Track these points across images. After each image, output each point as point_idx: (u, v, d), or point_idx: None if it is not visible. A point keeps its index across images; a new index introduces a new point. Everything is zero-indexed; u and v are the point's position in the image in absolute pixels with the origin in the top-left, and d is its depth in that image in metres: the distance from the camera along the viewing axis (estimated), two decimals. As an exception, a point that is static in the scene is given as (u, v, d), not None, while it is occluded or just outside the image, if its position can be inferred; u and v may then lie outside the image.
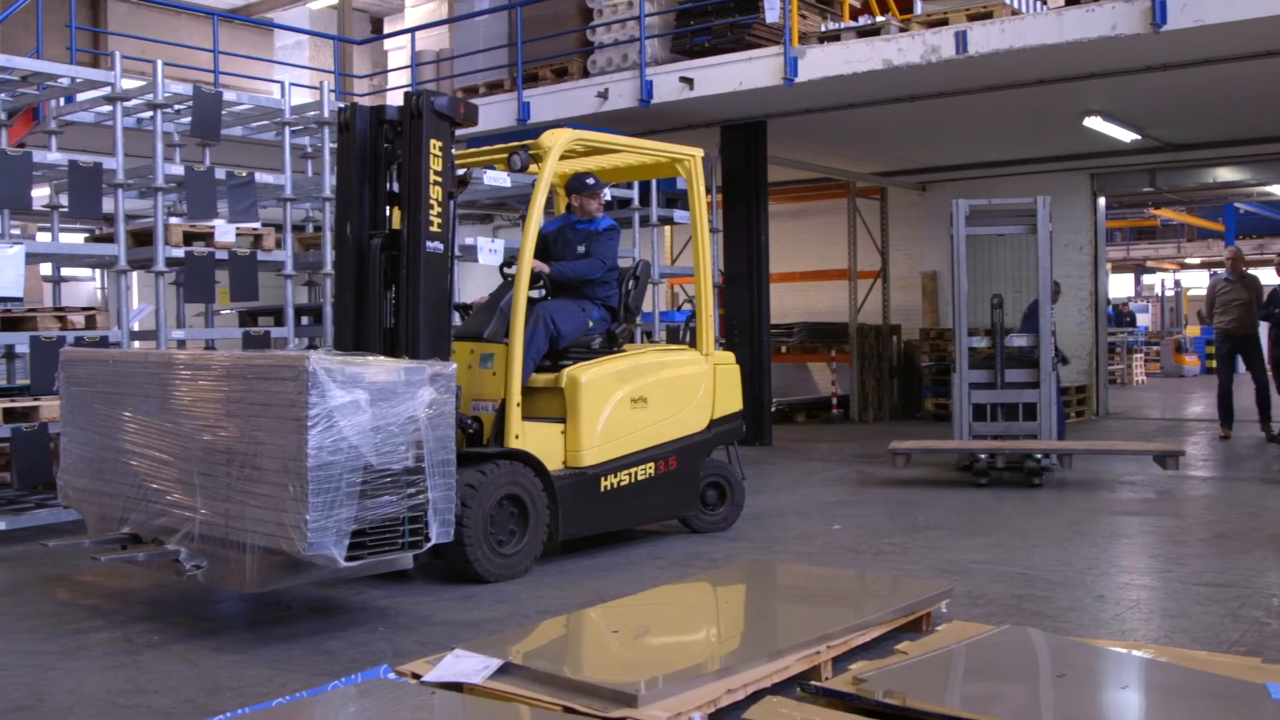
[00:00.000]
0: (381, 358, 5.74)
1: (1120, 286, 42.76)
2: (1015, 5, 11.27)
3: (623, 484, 7.63)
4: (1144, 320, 37.31)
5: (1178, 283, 40.61)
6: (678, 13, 13.24)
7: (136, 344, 9.34)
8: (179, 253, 9.29)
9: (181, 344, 10.90)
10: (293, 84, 10.79)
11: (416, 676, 4.49)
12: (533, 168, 7.67)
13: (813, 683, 4.51)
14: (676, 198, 13.27)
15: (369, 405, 5.31)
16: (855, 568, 7.14)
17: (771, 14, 12.00)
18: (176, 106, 10.03)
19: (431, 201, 6.78)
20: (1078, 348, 17.60)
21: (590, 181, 8.24)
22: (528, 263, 7.36)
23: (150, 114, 9.43)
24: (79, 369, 6.74)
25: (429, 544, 5.62)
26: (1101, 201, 18.12)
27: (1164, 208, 28.76)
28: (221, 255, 9.49)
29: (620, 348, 8.07)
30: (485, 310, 7.83)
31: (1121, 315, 32.20)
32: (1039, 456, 10.80)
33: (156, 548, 6.06)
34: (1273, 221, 31.00)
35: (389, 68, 17.85)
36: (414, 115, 6.79)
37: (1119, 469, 11.75)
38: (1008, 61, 11.11)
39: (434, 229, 6.81)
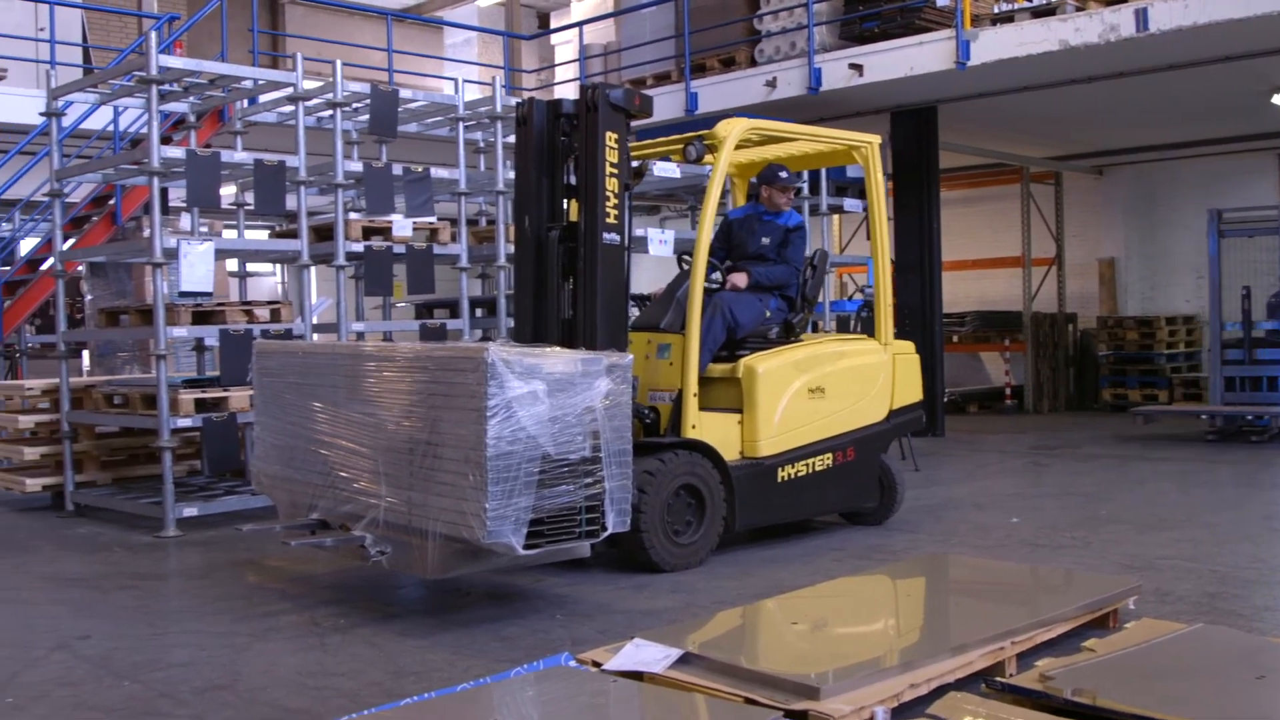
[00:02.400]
0: (559, 349, 5.81)
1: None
2: (1199, -20, 10.87)
3: (800, 475, 7.56)
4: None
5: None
6: (846, -1, 13.11)
7: (316, 336, 9.61)
8: (358, 247, 9.54)
9: (360, 336, 11.20)
10: (464, 80, 10.96)
11: (597, 664, 4.52)
12: (708, 158, 7.65)
13: (997, 679, 4.42)
14: (845, 186, 13.13)
15: (546, 396, 5.38)
16: (1036, 562, 6.97)
17: (943, -3, 11.80)
18: (354, 105, 10.28)
19: (608, 193, 6.80)
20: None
21: (783, 175, 8.20)
22: (704, 253, 7.34)
23: (330, 113, 9.69)
24: (271, 361, 6.97)
25: (606, 533, 5.68)
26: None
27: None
28: (399, 249, 9.71)
29: (798, 337, 8.00)
30: (663, 301, 7.85)
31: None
32: (1250, 418, 13.04)
33: (343, 533, 6.24)
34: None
35: (557, 62, 18.04)
36: (590, 108, 6.81)
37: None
38: (1191, 38, 10.72)
39: (610, 220, 6.82)
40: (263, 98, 10.55)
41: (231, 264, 11.57)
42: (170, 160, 8.77)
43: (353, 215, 10.08)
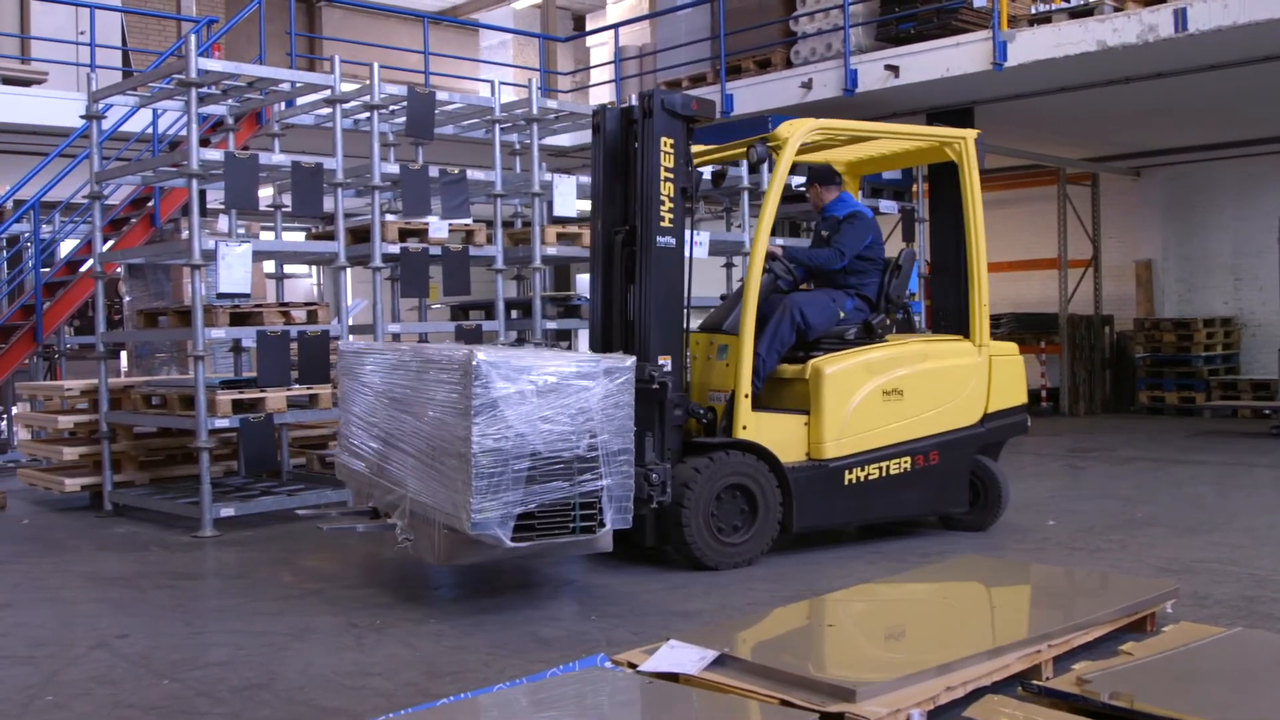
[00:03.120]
0: (555, 351, 6.20)
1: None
2: (1239, -21, 10.78)
3: (870, 478, 7.49)
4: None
5: None
6: (882, 0, 13.06)
7: (352, 337, 9.65)
8: (394, 249, 9.58)
9: (396, 337, 11.24)
10: (500, 82, 11.00)
11: (633, 665, 4.53)
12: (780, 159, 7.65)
13: (1034, 682, 4.41)
14: (881, 188, 13.10)
15: (536, 396, 5.62)
16: (1073, 564, 6.93)
17: (979, -3, 11.75)
18: (391, 107, 10.33)
19: (663, 197, 6.92)
20: (1303, 338, 16.84)
21: (797, 178, 8.25)
22: (760, 253, 7.37)
23: (367, 115, 9.73)
24: (349, 360, 7.43)
25: (604, 529, 5.84)
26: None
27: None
28: (435, 251, 9.74)
29: (881, 338, 7.91)
30: (730, 302, 7.92)
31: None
32: None
33: (380, 521, 6.55)
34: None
35: (592, 64, 18.06)
36: (646, 114, 6.92)
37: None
38: (1231, 38, 10.63)
39: (664, 224, 6.93)
40: (300, 100, 10.61)
41: (269, 265, 11.64)
42: (209, 162, 8.85)
43: (389, 217, 10.13)
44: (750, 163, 7.59)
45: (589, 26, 21.76)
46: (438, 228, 9.88)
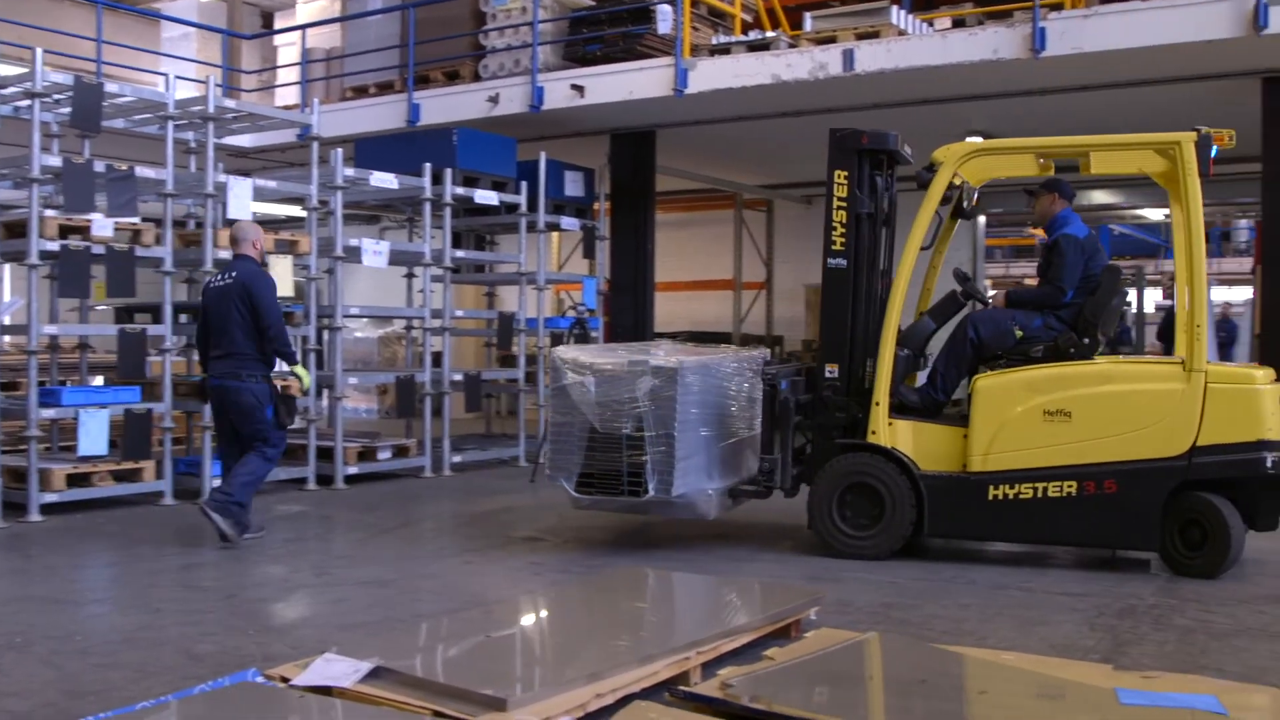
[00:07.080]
0: (616, 351, 7.76)
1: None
2: (902, 26, 11.50)
3: (1021, 497, 7.33)
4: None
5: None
6: (570, 20, 13.28)
7: (8, 338, 9.11)
8: (54, 246, 9.09)
9: (53, 339, 10.68)
10: (179, 77, 10.60)
11: (285, 680, 4.45)
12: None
13: (681, 688, 4.58)
14: (563, 204, 13.30)
15: (594, 386, 7.37)
16: (730, 575, 7.21)
17: (663, 25, 12.11)
18: (56, 96, 9.80)
19: (835, 224, 7.87)
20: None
21: (1030, 190, 8.44)
22: (905, 274, 7.78)
23: (28, 103, 9.22)
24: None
25: (647, 495, 7.32)
26: (981, 220, 18.52)
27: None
28: (98, 250, 9.29)
29: (1075, 357, 7.62)
30: (913, 323, 8.25)
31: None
32: None
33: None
34: (1145, 243, 31.90)
35: (278, 64, 17.63)
36: (829, 151, 7.94)
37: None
38: (893, 81, 11.34)
39: (835, 247, 7.88)
40: (-47, 83, 9.96)
41: (-87, 258, 10.86)
42: None
43: (49, 212, 9.60)
44: (921, 185, 7.89)
45: (277, 25, 21.21)
46: (102, 225, 9.42)
